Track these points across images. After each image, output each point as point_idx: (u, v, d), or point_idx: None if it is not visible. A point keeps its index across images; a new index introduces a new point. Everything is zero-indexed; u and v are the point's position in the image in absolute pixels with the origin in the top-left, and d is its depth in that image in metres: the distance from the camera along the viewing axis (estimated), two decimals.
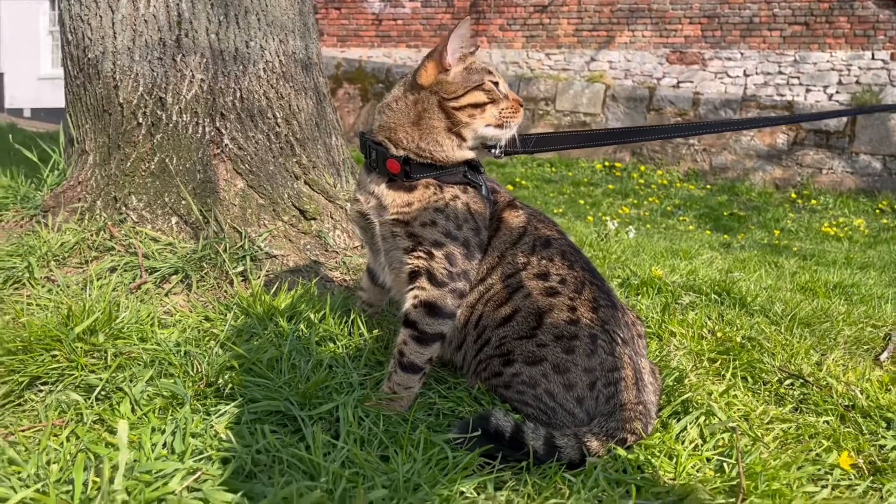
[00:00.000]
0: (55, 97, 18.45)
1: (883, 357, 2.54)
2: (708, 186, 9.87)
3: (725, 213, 8.46)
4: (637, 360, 1.74)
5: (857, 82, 11.07)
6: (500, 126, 1.74)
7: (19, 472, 1.32)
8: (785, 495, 1.41)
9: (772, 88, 11.65)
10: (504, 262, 1.80)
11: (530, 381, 1.66)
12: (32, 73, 18.54)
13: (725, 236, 7.08)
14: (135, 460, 1.34)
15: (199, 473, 1.31)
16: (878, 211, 8.95)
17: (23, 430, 1.47)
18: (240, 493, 1.23)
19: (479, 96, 1.72)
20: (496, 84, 1.76)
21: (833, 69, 11.26)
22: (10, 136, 7.92)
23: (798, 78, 11.61)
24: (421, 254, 1.71)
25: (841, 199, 9.31)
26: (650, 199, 9.01)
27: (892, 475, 1.61)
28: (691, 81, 12.08)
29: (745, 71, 11.84)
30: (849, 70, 11.20)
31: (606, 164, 10.54)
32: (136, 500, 1.18)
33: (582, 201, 8.61)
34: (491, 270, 1.81)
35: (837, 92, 11.19)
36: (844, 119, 9.60)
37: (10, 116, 16.64)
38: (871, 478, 1.60)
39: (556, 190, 9.20)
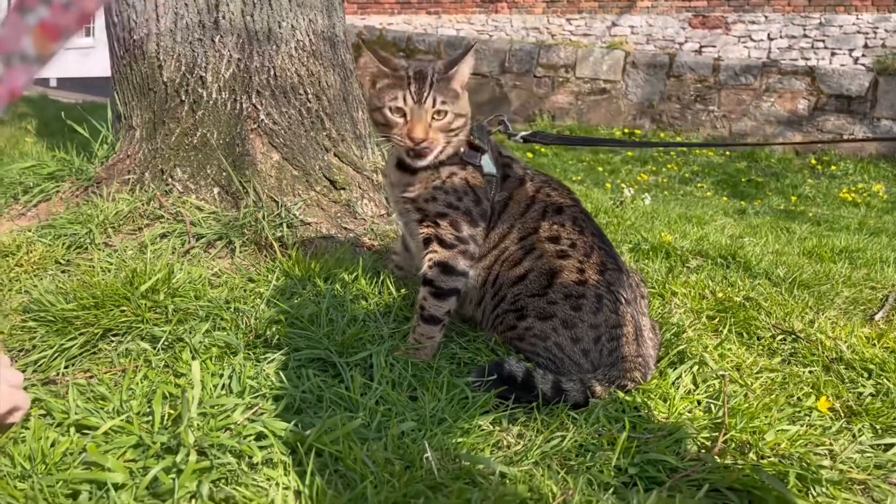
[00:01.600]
0: (81, 67, 18.70)
1: (877, 316, 2.71)
2: (727, 153, 9.92)
3: (744, 180, 8.53)
4: (638, 318, 1.94)
5: (883, 45, 10.95)
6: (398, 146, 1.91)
7: (105, 407, 1.56)
8: (761, 431, 1.62)
9: (796, 52, 11.56)
10: (516, 228, 2.00)
11: (541, 334, 1.87)
12: None
13: (742, 202, 7.18)
14: (199, 399, 1.57)
15: (256, 408, 1.54)
16: None
17: (104, 373, 1.71)
18: (293, 423, 1.46)
19: (377, 117, 1.91)
20: (395, 108, 1.86)
21: (859, 32, 11.14)
22: (48, 108, 8.21)
23: (823, 41, 11.50)
24: (429, 223, 1.95)
25: (861, 165, 9.31)
26: (669, 165, 9.10)
27: (867, 418, 1.80)
28: (714, 46, 12.00)
29: (768, 34, 11.74)
30: (875, 33, 11.07)
31: (626, 130, 10.60)
32: (207, 427, 1.42)
33: (601, 168, 8.73)
34: (504, 236, 2.01)
35: (863, 55, 11.08)
36: (866, 83, 9.55)
37: (37, 86, 16.92)
38: (846, 420, 1.80)
39: (575, 157, 9.31)
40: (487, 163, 2.01)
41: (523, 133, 2.17)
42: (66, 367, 1.79)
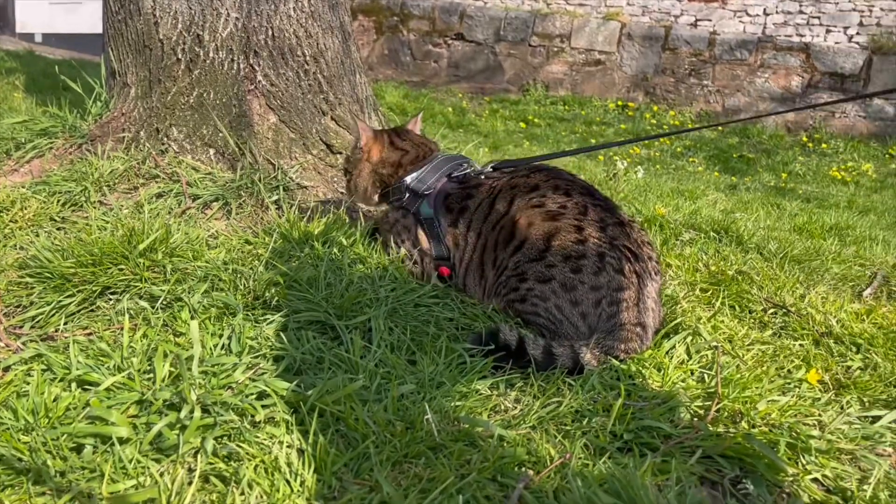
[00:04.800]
0: (67, 22, 18.26)
1: (866, 293, 2.76)
2: (720, 128, 9.93)
3: (735, 156, 8.56)
4: (645, 280, 1.92)
5: (878, 24, 10.93)
6: None
7: (106, 363, 1.56)
8: (753, 401, 1.65)
9: (791, 28, 11.53)
10: (483, 229, 2.11)
11: (542, 295, 1.88)
12: None
13: (733, 178, 7.22)
14: (200, 357, 1.57)
15: (256, 368, 1.55)
16: (888, 156, 9.02)
17: (104, 331, 1.71)
18: (294, 383, 1.47)
19: None
20: None
21: (854, 10, 11.10)
22: (36, 64, 8.05)
23: (818, 18, 11.47)
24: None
25: (852, 144, 9.36)
26: (661, 140, 9.10)
27: (855, 391, 1.84)
28: (710, 20, 11.93)
29: (765, 10, 11.68)
30: (870, 11, 11.04)
31: (620, 103, 10.56)
32: (209, 385, 1.43)
33: (594, 140, 8.72)
34: (478, 235, 2.10)
35: (857, 34, 11.06)
36: (860, 62, 9.56)
37: (22, 41, 16.53)
38: (835, 392, 1.84)
39: (568, 129, 9.28)
40: (425, 208, 2.21)
41: (491, 164, 2.28)
42: (64, 324, 1.79)
